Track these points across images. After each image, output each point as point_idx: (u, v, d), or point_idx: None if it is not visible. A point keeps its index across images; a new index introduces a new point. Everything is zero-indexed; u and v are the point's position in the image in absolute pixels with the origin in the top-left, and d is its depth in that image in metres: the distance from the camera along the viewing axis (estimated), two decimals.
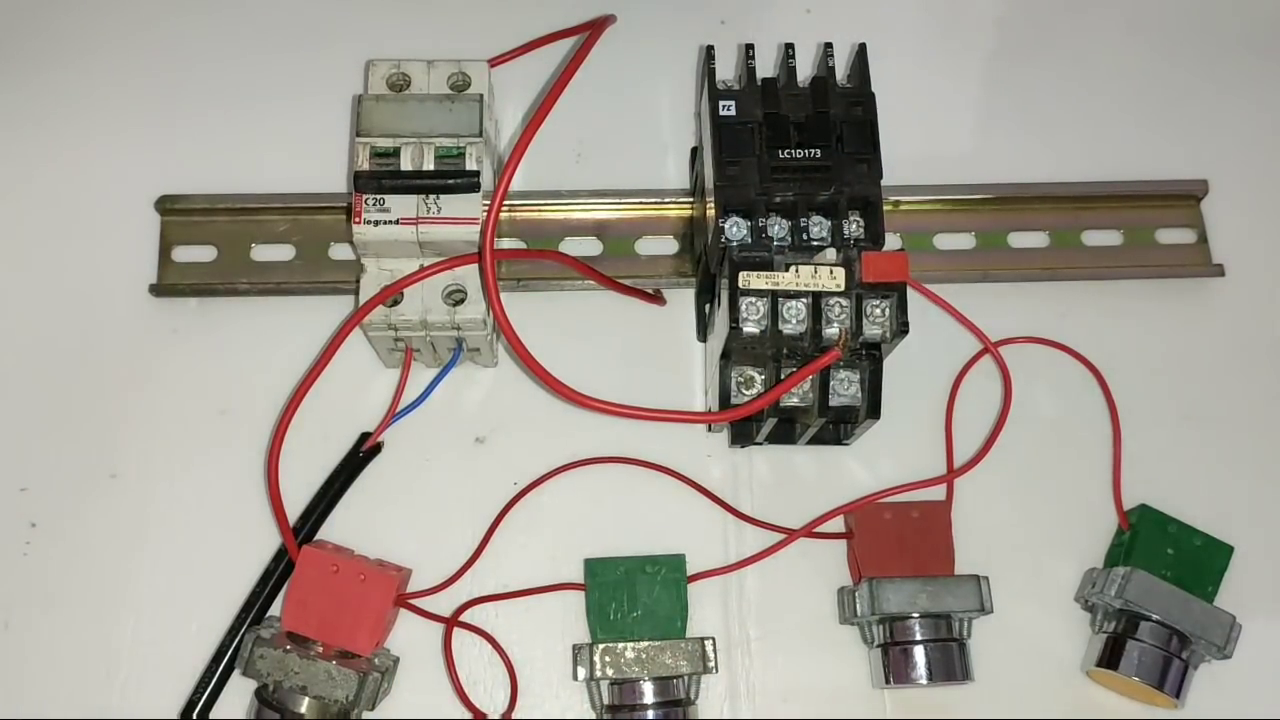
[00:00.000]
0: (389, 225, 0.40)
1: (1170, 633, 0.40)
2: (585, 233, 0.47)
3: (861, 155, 0.39)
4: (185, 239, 0.46)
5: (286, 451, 0.41)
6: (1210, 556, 0.41)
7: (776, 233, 0.38)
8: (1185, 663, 0.40)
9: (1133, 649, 0.40)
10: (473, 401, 0.45)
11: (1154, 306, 0.47)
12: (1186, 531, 0.42)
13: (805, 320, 0.37)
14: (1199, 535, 0.42)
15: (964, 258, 0.47)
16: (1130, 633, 0.40)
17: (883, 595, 0.40)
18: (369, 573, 0.39)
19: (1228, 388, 0.46)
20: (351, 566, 0.39)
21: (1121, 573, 0.41)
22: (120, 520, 0.42)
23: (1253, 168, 0.49)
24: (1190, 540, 0.41)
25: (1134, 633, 0.40)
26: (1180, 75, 0.51)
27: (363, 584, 0.39)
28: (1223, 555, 0.41)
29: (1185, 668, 0.40)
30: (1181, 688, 0.40)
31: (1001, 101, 0.50)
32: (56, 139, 0.48)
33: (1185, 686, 0.40)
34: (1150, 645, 0.40)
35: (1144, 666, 0.40)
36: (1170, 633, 0.40)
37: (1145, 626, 0.40)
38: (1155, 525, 0.42)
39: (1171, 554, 0.41)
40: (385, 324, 0.40)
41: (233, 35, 0.50)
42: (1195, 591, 0.40)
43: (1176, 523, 0.42)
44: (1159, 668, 0.40)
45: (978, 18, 0.52)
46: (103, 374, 0.44)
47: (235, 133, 0.48)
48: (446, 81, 0.42)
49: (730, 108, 0.39)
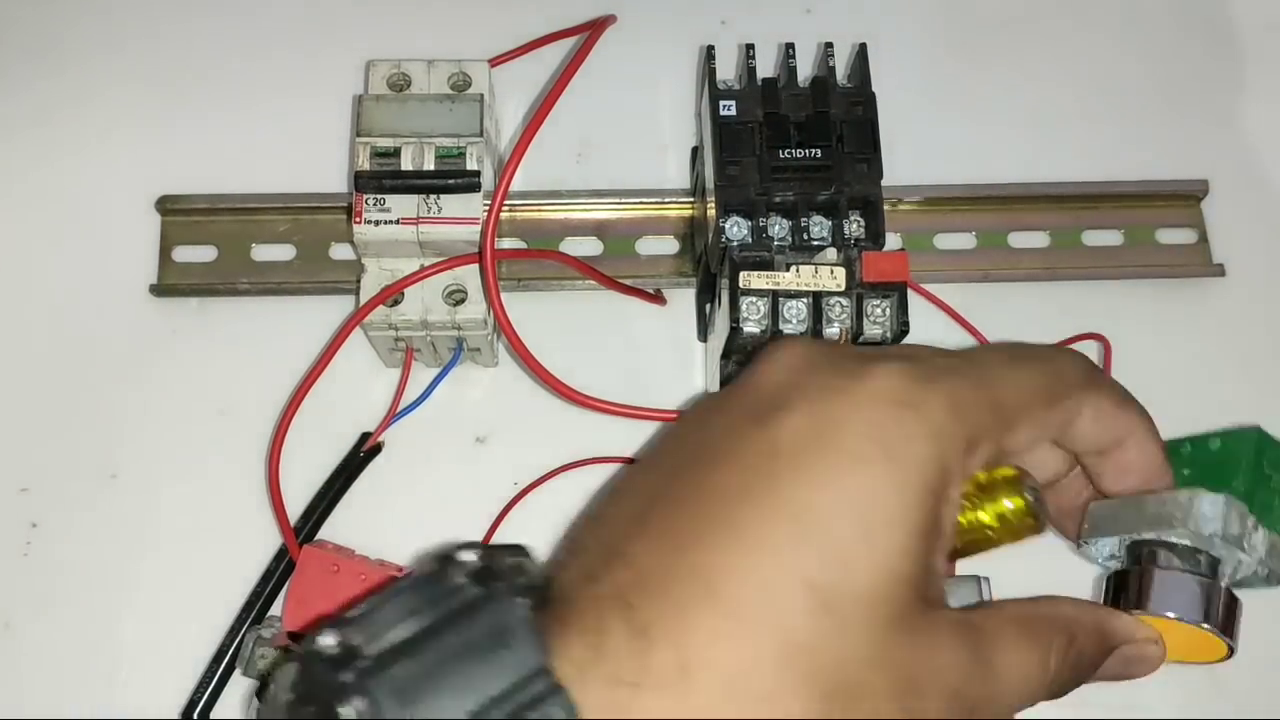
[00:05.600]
0: (389, 225, 0.40)
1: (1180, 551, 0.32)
2: (585, 233, 0.47)
3: (862, 155, 0.39)
4: (185, 239, 0.46)
5: (286, 451, 0.41)
6: (1231, 453, 0.34)
7: (777, 233, 0.38)
8: (1219, 585, 0.32)
9: (1134, 578, 0.32)
10: (473, 401, 0.45)
11: (1154, 306, 0.47)
12: (1201, 444, 0.34)
13: (806, 320, 0.37)
14: (1216, 438, 0.34)
15: (964, 258, 0.47)
16: (1141, 563, 0.33)
17: None
18: (369, 572, 0.39)
19: (1228, 388, 0.46)
20: (352, 566, 0.39)
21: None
22: (120, 520, 0.42)
23: (1253, 168, 0.49)
24: (1206, 449, 0.34)
25: (1149, 561, 0.32)
26: (1180, 75, 0.51)
27: (363, 584, 0.39)
28: (1247, 443, 0.33)
29: (1223, 593, 0.32)
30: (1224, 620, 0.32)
31: (1001, 101, 0.50)
32: (56, 139, 0.48)
33: (1230, 619, 0.32)
34: (1160, 570, 0.32)
35: (1163, 595, 0.32)
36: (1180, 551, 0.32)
37: (1151, 553, 0.32)
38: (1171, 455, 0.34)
39: (1188, 474, 0.34)
40: (385, 324, 0.40)
41: (233, 36, 0.50)
42: None
43: (1190, 440, 0.35)
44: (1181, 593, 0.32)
45: (978, 18, 0.52)
46: (103, 374, 0.44)
47: (235, 133, 0.48)
48: (447, 81, 0.42)
49: (730, 108, 0.39)
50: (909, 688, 0.26)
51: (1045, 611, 0.30)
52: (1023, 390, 0.30)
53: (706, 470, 0.28)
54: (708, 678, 0.25)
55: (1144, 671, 0.33)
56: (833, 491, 0.27)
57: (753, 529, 0.27)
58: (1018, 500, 0.31)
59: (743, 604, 0.26)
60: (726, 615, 0.25)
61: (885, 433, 0.28)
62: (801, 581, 0.26)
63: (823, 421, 0.28)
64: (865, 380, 0.29)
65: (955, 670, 0.27)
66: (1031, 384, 0.31)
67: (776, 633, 0.25)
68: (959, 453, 0.29)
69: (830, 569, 0.26)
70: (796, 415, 0.28)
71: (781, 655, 0.25)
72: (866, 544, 0.27)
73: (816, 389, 0.29)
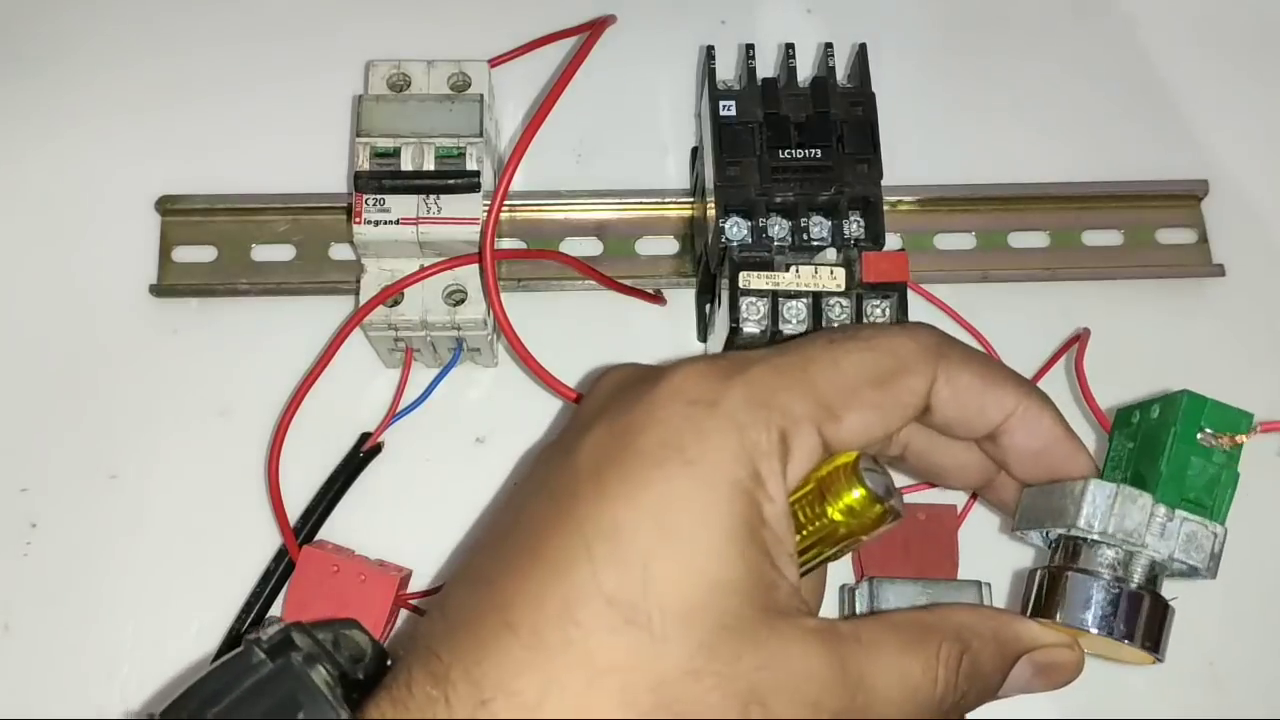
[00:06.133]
0: (389, 225, 0.40)
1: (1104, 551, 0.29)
2: (585, 233, 0.47)
3: (862, 155, 0.39)
4: (185, 239, 0.46)
5: (286, 451, 0.41)
6: (1164, 420, 0.30)
7: (777, 233, 0.38)
8: (1127, 587, 0.29)
9: (1044, 580, 0.30)
10: (473, 401, 0.45)
11: (1154, 306, 0.47)
12: (1145, 411, 0.31)
13: (806, 320, 0.37)
14: (1156, 404, 0.31)
15: (964, 258, 0.47)
16: (1056, 562, 0.30)
17: (882, 595, 0.40)
18: (369, 573, 0.39)
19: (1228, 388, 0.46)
20: (352, 567, 0.39)
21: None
22: (120, 520, 0.42)
23: (1253, 168, 0.49)
24: (1148, 418, 0.31)
25: (1066, 559, 0.29)
26: (1180, 75, 0.51)
27: (363, 584, 0.39)
28: (1173, 408, 0.29)
29: (1132, 596, 0.29)
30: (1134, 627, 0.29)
31: (1001, 101, 0.50)
32: (56, 139, 0.48)
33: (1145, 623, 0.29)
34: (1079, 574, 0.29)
35: (1071, 602, 0.29)
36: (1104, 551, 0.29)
37: (1069, 548, 0.30)
38: (1122, 426, 0.32)
39: (1132, 447, 0.31)
40: (385, 324, 0.40)
41: (233, 35, 0.50)
42: (1151, 478, 0.29)
43: (1140, 406, 0.31)
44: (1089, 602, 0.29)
45: (978, 18, 0.52)
46: (103, 374, 0.44)
47: (235, 133, 0.48)
48: (446, 81, 0.42)
49: (730, 108, 0.39)
50: (750, 699, 0.25)
51: (933, 620, 0.28)
52: (843, 372, 0.28)
53: (518, 507, 0.28)
54: (509, 708, 0.24)
55: (1062, 679, 0.30)
56: (628, 503, 0.26)
57: (548, 553, 0.26)
58: (860, 488, 0.28)
59: (541, 630, 0.25)
60: (526, 645, 0.24)
61: (679, 435, 0.26)
62: (601, 599, 0.25)
63: (620, 435, 0.27)
64: (659, 384, 0.28)
65: (811, 681, 0.26)
66: (854, 364, 0.28)
67: (580, 655, 0.24)
68: (770, 445, 0.27)
69: (630, 582, 0.25)
70: (597, 433, 0.27)
71: (588, 678, 0.24)
72: (669, 552, 0.25)
73: (617, 402, 0.28)
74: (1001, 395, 0.30)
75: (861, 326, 0.31)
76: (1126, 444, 0.31)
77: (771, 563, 0.26)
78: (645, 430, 0.27)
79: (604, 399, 0.29)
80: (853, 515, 0.29)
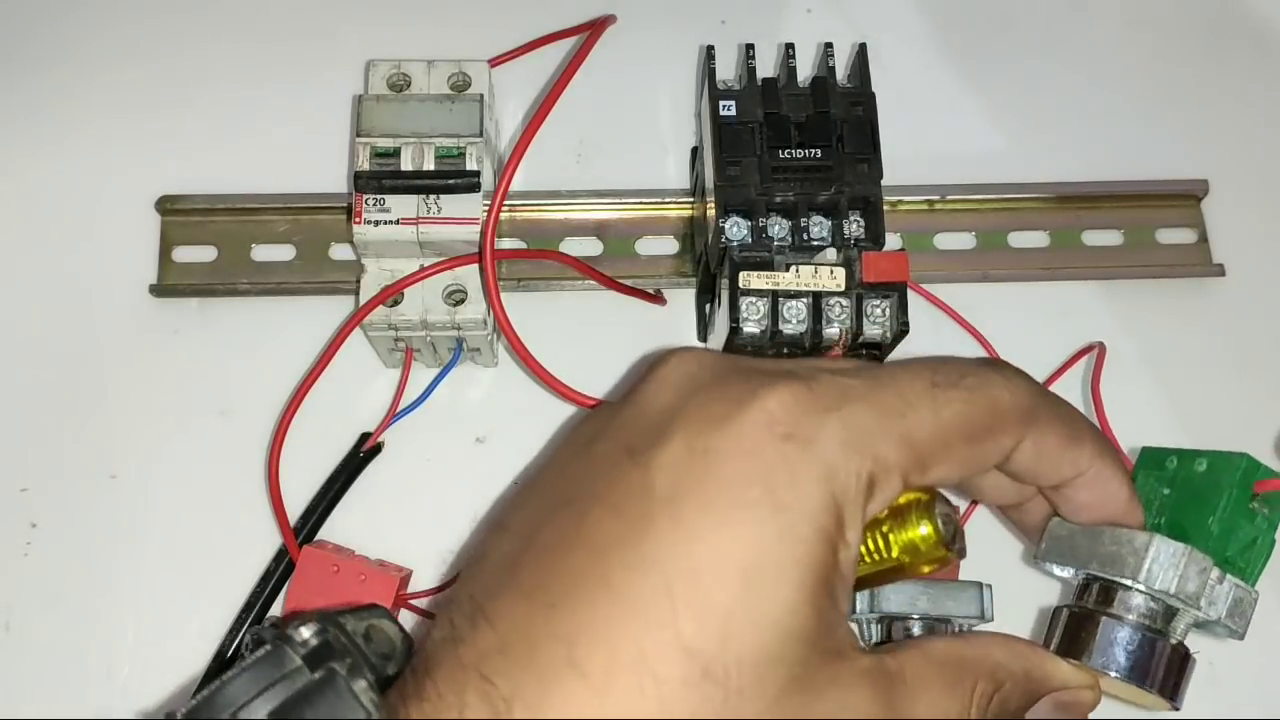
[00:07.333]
0: (389, 225, 0.40)
1: (1151, 603, 0.29)
2: (585, 233, 0.47)
3: (862, 155, 0.39)
4: (185, 239, 0.46)
5: (286, 452, 0.41)
6: (1216, 479, 0.30)
7: (777, 233, 0.38)
8: (1168, 642, 0.30)
9: (1077, 623, 0.30)
10: (473, 401, 0.45)
11: (1154, 306, 0.47)
12: (1187, 461, 0.31)
13: (805, 320, 0.37)
14: (1204, 458, 0.31)
15: (964, 258, 0.47)
16: (1090, 604, 0.30)
17: (883, 594, 0.39)
18: (369, 573, 0.39)
19: (1228, 388, 0.46)
20: (352, 567, 0.39)
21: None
22: (120, 520, 0.42)
23: (1253, 168, 0.49)
24: (1191, 469, 0.31)
25: (1100, 603, 0.30)
26: (1180, 75, 0.51)
27: (363, 584, 0.39)
28: (1233, 470, 0.30)
29: (1170, 651, 0.30)
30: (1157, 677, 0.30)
31: (1001, 101, 0.50)
32: (56, 139, 0.48)
33: (1176, 678, 0.30)
34: (1111, 619, 0.29)
35: (1105, 649, 0.30)
36: (1151, 603, 0.29)
37: (1104, 592, 0.30)
38: (1151, 467, 0.32)
39: (1168, 494, 0.31)
40: (385, 324, 0.40)
41: (233, 36, 0.50)
42: (1195, 532, 0.30)
43: (1178, 454, 0.32)
44: (1124, 652, 0.29)
45: (978, 18, 0.52)
46: (103, 374, 0.44)
47: (235, 133, 0.48)
48: (446, 81, 0.42)
49: (730, 108, 0.39)
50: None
51: (971, 656, 0.28)
52: (942, 423, 0.27)
53: (579, 514, 0.26)
54: None
55: (1080, 715, 0.30)
56: (711, 544, 0.24)
57: (622, 587, 0.24)
58: (931, 531, 0.28)
59: (611, 675, 0.23)
60: (594, 689, 0.23)
61: (770, 474, 0.25)
62: (677, 647, 0.24)
63: (702, 458, 0.25)
64: (749, 408, 0.26)
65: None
66: (954, 415, 0.27)
67: (651, 706, 0.23)
68: (858, 491, 0.26)
69: (710, 633, 0.24)
70: (674, 448, 0.26)
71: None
72: (750, 603, 0.24)
73: (698, 416, 0.26)
74: (1078, 456, 0.30)
75: (963, 369, 0.29)
76: (1160, 489, 0.32)
77: (835, 605, 0.26)
78: (731, 460, 0.25)
79: (676, 396, 0.28)
80: (916, 554, 0.29)
